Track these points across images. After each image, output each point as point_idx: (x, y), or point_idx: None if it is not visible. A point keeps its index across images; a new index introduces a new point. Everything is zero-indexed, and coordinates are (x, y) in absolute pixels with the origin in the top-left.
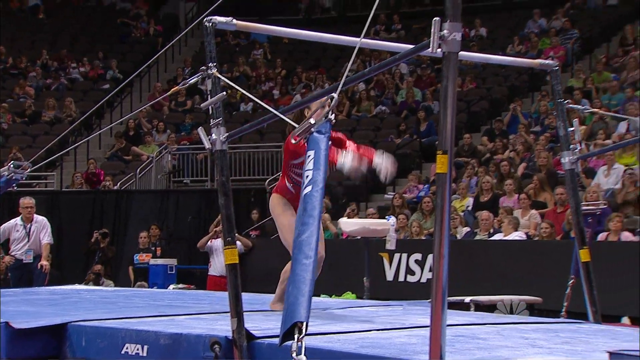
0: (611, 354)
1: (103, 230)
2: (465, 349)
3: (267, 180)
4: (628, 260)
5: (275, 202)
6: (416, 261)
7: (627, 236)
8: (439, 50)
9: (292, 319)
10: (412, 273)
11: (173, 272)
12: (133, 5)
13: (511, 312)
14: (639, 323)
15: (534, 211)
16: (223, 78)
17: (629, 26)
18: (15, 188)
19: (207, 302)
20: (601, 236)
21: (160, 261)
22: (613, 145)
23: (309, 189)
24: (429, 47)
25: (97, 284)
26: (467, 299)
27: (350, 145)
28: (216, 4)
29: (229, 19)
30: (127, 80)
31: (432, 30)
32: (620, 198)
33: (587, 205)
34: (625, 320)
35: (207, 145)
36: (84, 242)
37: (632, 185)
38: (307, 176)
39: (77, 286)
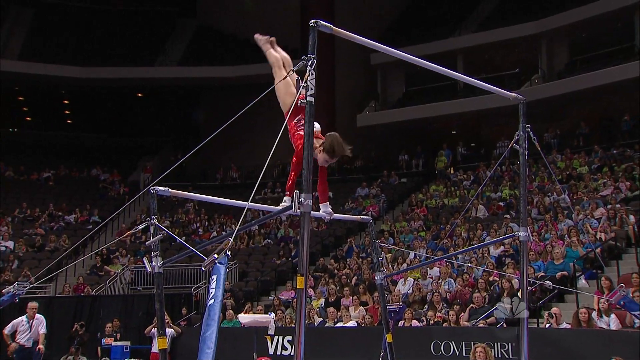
0: None
1: (81, 322)
2: None
3: (193, 288)
4: (417, 339)
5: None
6: (288, 341)
7: (415, 323)
8: (298, 210)
9: None
10: (286, 349)
11: (127, 350)
12: (110, 175)
13: None
14: None
15: (361, 307)
16: (160, 226)
17: (413, 194)
18: (17, 300)
19: None
20: (401, 324)
21: (119, 343)
22: (407, 267)
23: (212, 301)
24: (291, 209)
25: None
26: None
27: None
28: (160, 177)
29: (166, 188)
30: (103, 222)
31: (293, 198)
32: (411, 299)
33: (392, 304)
34: None
35: (148, 269)
36: (68, 331)
37: (417, 291)
38: (211, 292)
39: None
